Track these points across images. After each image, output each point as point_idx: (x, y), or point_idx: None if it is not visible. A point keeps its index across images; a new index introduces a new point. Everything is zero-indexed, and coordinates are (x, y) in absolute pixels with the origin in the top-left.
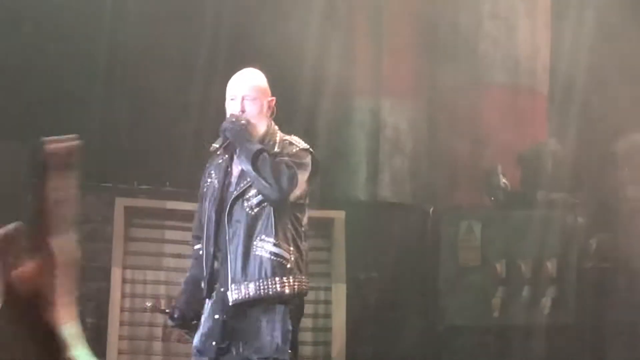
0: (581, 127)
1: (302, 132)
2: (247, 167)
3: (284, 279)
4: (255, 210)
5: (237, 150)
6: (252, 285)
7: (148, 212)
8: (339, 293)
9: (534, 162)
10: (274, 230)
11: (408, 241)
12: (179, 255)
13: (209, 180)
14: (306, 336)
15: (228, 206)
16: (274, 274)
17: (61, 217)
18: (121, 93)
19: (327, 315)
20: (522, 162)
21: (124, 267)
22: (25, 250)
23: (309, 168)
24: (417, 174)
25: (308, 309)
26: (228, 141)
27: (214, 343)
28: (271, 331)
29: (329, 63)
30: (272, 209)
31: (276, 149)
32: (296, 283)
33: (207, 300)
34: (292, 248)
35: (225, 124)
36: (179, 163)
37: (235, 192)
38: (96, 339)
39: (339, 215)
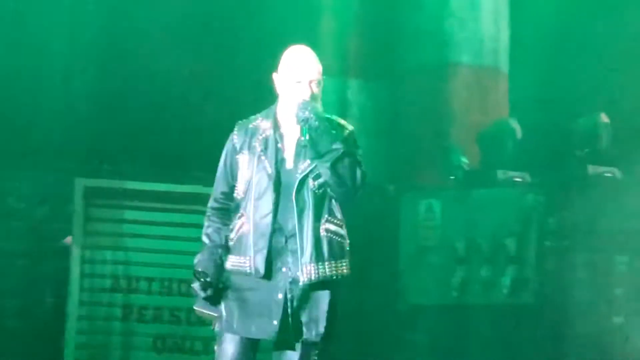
0: (542, 106)
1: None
2: (325, 171)
3: (344, 261)
4: (320, 191)
5: (314, 149)
6: (322, 267)
7: (108, 192)
8: None
9: (494, 140)
10: (337, 211)
11: (368, 220)
12: (138, 235)
13: (248, 152)
14: None
15: (296, 185)
16: (342, 256)
17: None
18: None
19: None
20: (482, 140)
21: (84, 247)
22: None
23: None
24: (379, 154)
25: None
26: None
27: (275, 322)
28: (330, 315)
29: (294, 43)
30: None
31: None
32: (348, 266)
33: (254, 277)
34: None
35: (305, 116)
36: (140, 142)
37: (299, 173)
38: (55, 319)
39: None
